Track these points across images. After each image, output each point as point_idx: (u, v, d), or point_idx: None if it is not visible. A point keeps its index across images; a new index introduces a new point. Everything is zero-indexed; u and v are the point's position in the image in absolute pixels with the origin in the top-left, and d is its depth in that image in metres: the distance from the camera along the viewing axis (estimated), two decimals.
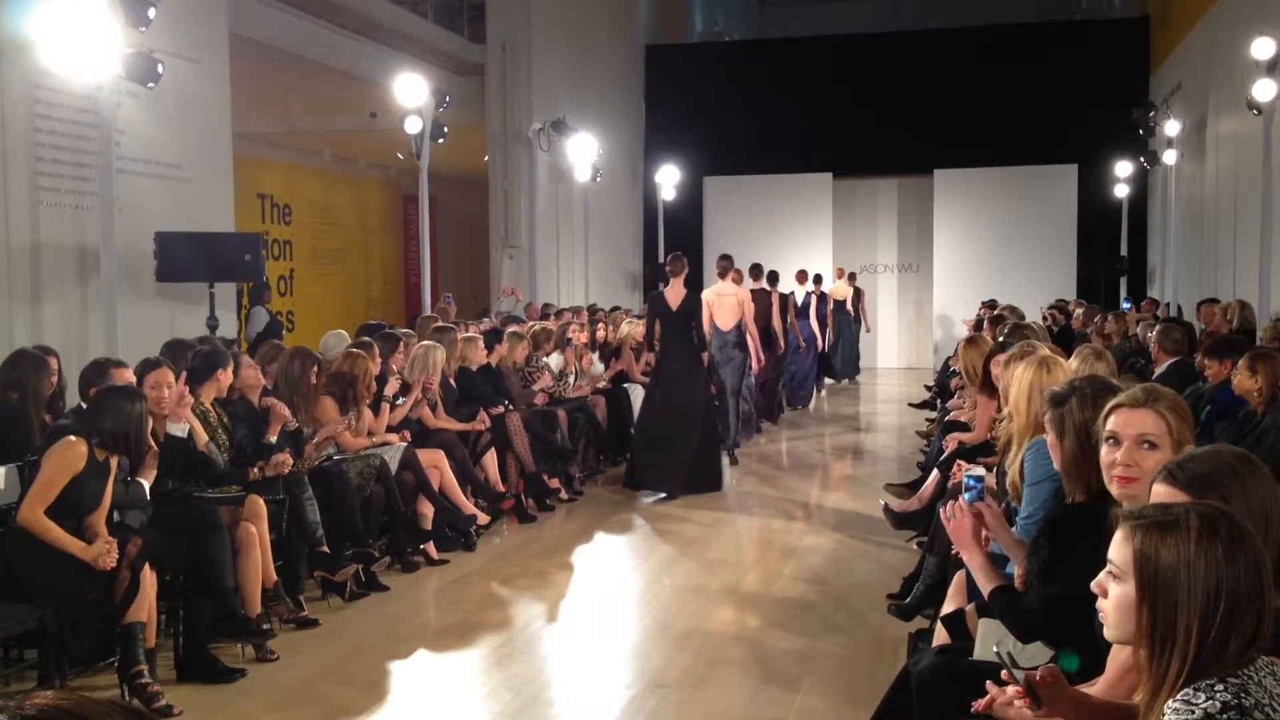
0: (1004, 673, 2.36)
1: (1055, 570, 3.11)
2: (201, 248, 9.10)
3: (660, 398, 9.37)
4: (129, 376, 5.46)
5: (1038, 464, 4.04)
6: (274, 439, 6.06)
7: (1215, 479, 2.27)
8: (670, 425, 9.17)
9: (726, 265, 10.67)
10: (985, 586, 3.22)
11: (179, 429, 5.33)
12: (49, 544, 4.60)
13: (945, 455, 6.65)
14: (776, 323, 13.00)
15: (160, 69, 8.09)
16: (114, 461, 4.86)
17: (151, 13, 7.67)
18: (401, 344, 7.99)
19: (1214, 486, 2.24)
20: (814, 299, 16.24)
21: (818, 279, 16.76)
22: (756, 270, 13.11)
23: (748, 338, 10.93)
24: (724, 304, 10.53)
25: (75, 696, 1.11)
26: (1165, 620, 1.92)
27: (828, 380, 17.34)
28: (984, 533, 3.44)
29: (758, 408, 12.64)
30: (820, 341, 16.27)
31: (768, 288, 13.21)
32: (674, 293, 9.30)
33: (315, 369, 6.72)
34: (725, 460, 10.10)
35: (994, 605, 3.18)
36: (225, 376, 6.00)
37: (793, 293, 15.15)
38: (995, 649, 2.46)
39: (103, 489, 4.81)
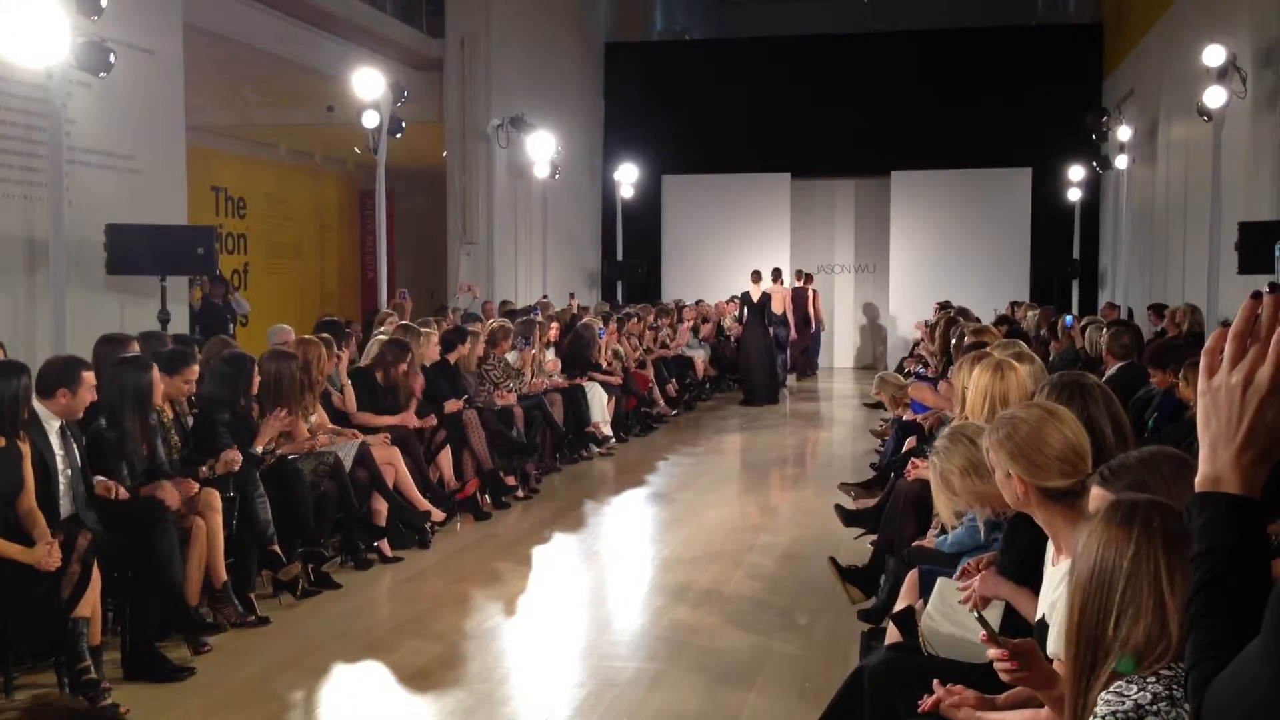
0: (982, 635, 2.38)
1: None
2: (153, 240, 8.95)
3: (749, 353, 15.59)
4: (91, 379, 5.30)
5: None
6: (260, 449, 6.11)
7: (1144, 482, 2.30)
8: (753, 369, 15.48)
9: (778, 272, 16.94)
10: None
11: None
12: None
13: (901, 454, 6.70)
14: (811, 310, 19.01)
15: (112, 58, 7.96)
16: (23, 445, 4.68)
17: (104, 1, 7.55)
18: (353, 340, 7.92)
19: (1142, 489, 2.26)
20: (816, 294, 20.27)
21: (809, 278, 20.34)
22: (799, 274, 19.14)
23: (788, 317, 17.33)
24: (775, 297, 16.56)
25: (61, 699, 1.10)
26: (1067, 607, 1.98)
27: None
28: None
29: (794, 367, 18.51)
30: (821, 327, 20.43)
31: (805, 286, 19.06)
32: (755, 291, 15.79)
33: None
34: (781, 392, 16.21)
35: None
36: (172, 383, 5.87)
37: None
38: (976, 614, 2.48)
39: (16, 473, 4.63)
